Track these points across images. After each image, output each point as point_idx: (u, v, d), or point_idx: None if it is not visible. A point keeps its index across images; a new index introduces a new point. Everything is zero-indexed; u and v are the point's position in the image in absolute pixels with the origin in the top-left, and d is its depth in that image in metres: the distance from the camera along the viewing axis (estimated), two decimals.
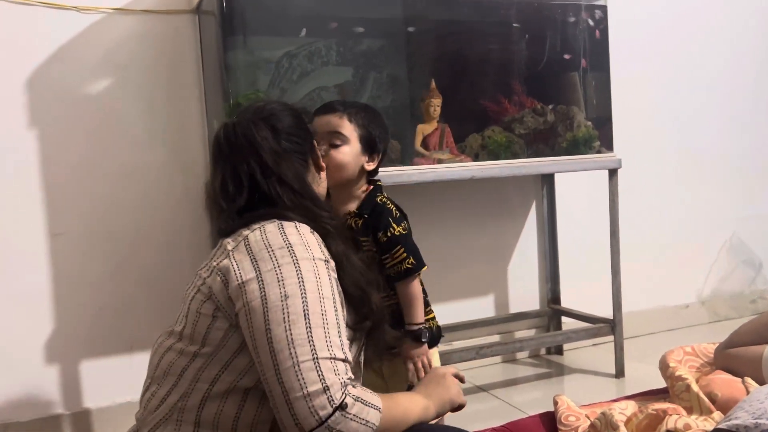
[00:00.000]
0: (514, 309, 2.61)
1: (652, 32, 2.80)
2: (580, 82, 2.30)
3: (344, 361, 0.92)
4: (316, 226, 1.06)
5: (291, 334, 0.91)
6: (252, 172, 1.07)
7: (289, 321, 0.92)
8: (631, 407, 1.36)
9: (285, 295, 0.94)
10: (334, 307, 0.96)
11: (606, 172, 2.29)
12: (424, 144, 2.07)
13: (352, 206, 1.41)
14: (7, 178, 1.92)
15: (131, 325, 2.04)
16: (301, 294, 0.94)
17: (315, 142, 1.18)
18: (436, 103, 2.05)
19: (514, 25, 2.20)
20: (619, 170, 2.29)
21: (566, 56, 2.27)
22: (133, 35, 2.03)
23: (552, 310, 2.64)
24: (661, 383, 1.53)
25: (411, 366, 1.40)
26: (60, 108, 1.97)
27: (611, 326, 2.33)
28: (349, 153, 1.37)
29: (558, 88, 2.28)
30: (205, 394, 0.98)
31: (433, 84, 2.07)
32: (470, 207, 2.50)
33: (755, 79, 3.07)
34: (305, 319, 0.92)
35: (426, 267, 1.42)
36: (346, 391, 0.89)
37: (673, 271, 2.90)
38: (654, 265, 2.84)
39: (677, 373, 1.41)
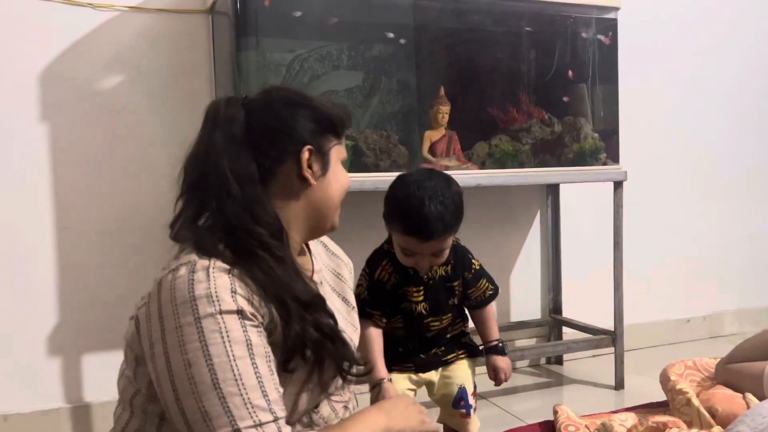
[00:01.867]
0: (515, 318, 2.61)
1: (661, 45, 2.81)
2: (588, 94, 2.31)
3: (275, 420, 0.82)
4: (244, 255, 0.88)
5: (203, 407, 0.80)
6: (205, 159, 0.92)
7: (198, 392, 0.80)
8: (631, 419, 1.36)
9: (188, 363, 0.81)
10: (253, 363, 0.82)
11: (611, 184, 2.30)
12: (432, 150, 2.08)
13: None
14: (17, 171, 1.94)
15: None
16: (206, 361, 0.80)
17: (309, 150, 0.95)
18: (444, 110, 2.07)
19: (524, 35, 2.22)
20: (624, 182, 2.30)
21: (572, 70, 2.28)
22: (146, 33, 2.05)
23: (553, 320, 2.64)
24: (661, 396, 1.53)
25: (502, 376, 1.52)
26: (72, 103, 1.98)
27: (612, 338, 2.33)
28: (448, 249, 1.41)
29: (566, 98, 2.29)
30: (159, 427, 0.91)
31: (442, 91, 2.08)
32: (475, 215, 2.50)
33: (765, 93, 3.07)
34: (215, 389, 0.80)
35: (499, 289, 1.58)
36: None
37: (675, 284, 2.90)
38: (656, 278, 2.84)
39: (678, 387, 1.41)
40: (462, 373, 1.53)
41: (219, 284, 0.84)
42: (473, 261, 1.53)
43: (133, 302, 1.14)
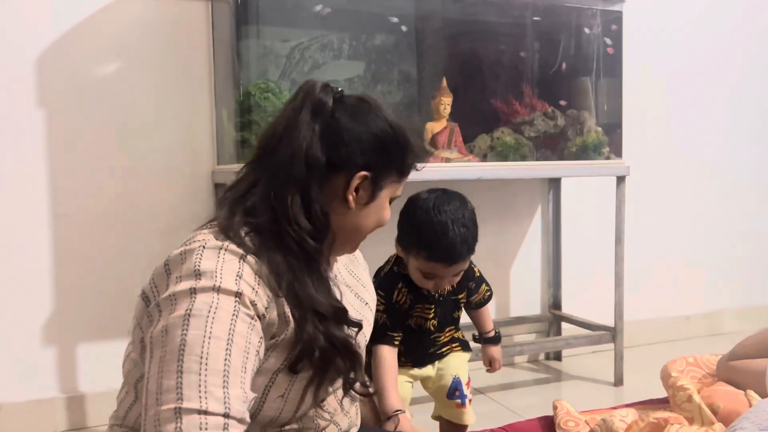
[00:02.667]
0: (514, 313, 2.60)
1: (666, 39, 2.78)
2: (592, 87, 2.29)
3: (224, 415, 0.74)
4: (275, 242, 0.85)
5: (161, 377, 0.75)
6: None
7: (163, 361, 0.76)
8: (631, 415, 1.35)
9: (166, 330, 0.77)
10: (227, 349, 0.77)
11: (614, 179, 2.28)
12: (433, 142, 2.06)
13: None
14: (13, 157, 1.91)
15: (131, 310, 2.02)
16: (182, 330, 0.76)
17: (364, 176, 0.92)
18: (446, 102, 2.05)
19: (528, 26, 2.19)
20: (626, 177, 2.28)
21: (576, 62, 2.25)
22: (145, 20, 2.02)
23: (553, 316, 2.63)
24: (660, 393, 1.51)
25: (497, 366, 1.59)
26: (69, 90, 1.96)
27: (612, 334, 2.32)
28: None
29: (569, 92, 2.27)
30: None
31: (444, 82, 2.06)
32: (476, 208, 2.48)
33: None
34: (178, 361, 0.74)
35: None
36: None
37: (675, 281, 2.89)
38: (656, 274, 2.83)
39: (679, 383, 1.39)
40: (456, 363, 1.52)
41: (226, 265, 0.81)
42: (474, 269, 1.55)
43: (130, 292, 1.13)
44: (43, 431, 1.95)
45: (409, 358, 1.49)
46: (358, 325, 0.93)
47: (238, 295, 0.80)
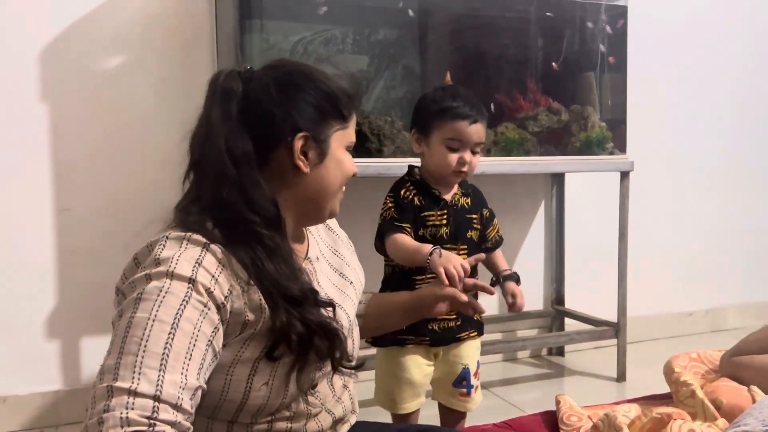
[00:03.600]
0: None
1: (671, 34, 2.77)
2: (597, 82, 2.28)
3: (155, 398, 0.72)
4: (235, 240, 0.85)
5: (106, 357, 0.76)
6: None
7: (112, 342, 0.76)
8: (634, 410, 1.35)
9: (120, 313, 0.78)
10: (170, 333, 0.75)
11: (618, 175, 2.27)
12: None
13: (455, 190, 1.51)
14: (16, 151, 1.92)
15: None
16: (131, 314, 0.76)
17: (304, 137, 0.90)
18: None
19: (532, 21, 2.18)
20: (630, 173, 2.27)
21: (580, 58, 2.24)
22: (148, 14, 2.02)
23: (555, 311, 2.62)
24: (663, 389, 1.51)
25: (520, 301, 1.48)
26: (72, 84, 1.96)
27: (615, 330, 2.32)
28: (480, 153, 1.48)
29: (574, 87, 2.26)
30: None
31: (448, 77, 2.05)
32: None
33: None
34: (122, 343, 0.74)
35: None
36: None
37: (678, 277, 2.88)
38: (660, 270, 2.82)
39: (682, 379, 1.39)
40: (469, 353, 1.51)
41: (186, 253, 0.81)
42: (486, 201, 1.60)
43: None
44: (46, 424, 1.96)
45: (426, 332, 1.45)
46: (330, 305, 0.92)
47: (191, 281, 0.79)
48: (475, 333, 1.53)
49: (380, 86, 2.06)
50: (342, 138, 0.95)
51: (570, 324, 2.59)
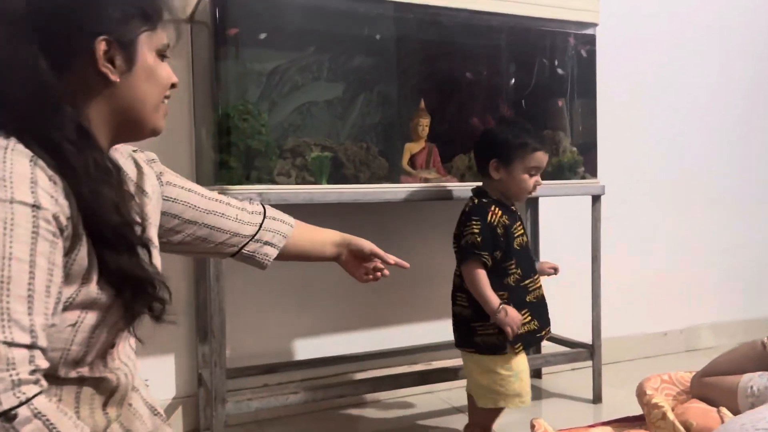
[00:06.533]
0: None
1: (638, 60, 2.85)
2: (567, 108, 2.33)
3: (30, 347, 0.68)
4: (48, 148, 0.75)
5: None
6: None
7: None
8: None
9: None
10: (30, 272, 0.69)
11: (589, 198, 2.31)
12: (412, 163, 2.08)
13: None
14: None
15: None
16: None
17: (106, 41, 0.81)
18: (424, 123, 2.07)
19: (504, 49, 2.23)
20: (602, 196, 2.31)
21: (551, 84, 2.30)
22: None
23: None
24: (638, 410, 1.53)
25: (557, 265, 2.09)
26: None
27: (590, 351, 2.34)
28: None
29: (545, 112, 2.31)
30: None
31: (422, 104, 2.08)
32: (455, 227, 2.50)
33: (743, 106, 3.13)
34: None
35: None
36: (21, 396, 0.65)
37: (652, 298, 2.92)
38: (634, 291, 2.86)
39: (654, 401, 1.42)
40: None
41: (16, 169, 0.72)
42: None
43: None
44: None
45: (521, 338, 1.74)
46: (145, 246, 0.86)
47: (35, 207, 0.71)
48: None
49: (356, 113, 2.08)
50: (153, 40, 0.87)
51: (546, 346, 2.60)
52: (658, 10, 2.87)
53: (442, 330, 2.48)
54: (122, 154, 1.00)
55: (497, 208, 1.76)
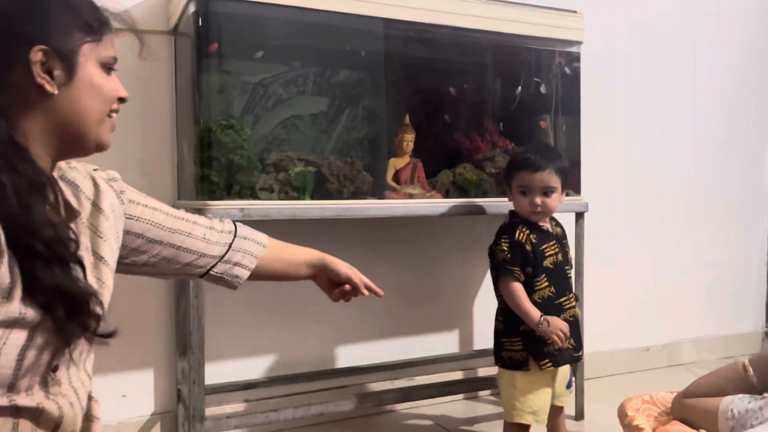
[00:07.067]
0: (478, 346, 2.60)
1: (623, 77, 2.87)
2: (551, 125, 2.34)
3: None
4: None
5: None
6: None
7: None
8: None
9: None
10: None
11: (573, 214, 2.32)
12: (396, 178, 2.07)
13: (548, 224, 1.86)
14: None
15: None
16: None
17: (43, 51, 0.78)
18: (409, 138, 2.07)
19: (489, 66, 2.24)
20: (585, 213, 2.32)
21: (535, 101, 2.30)
22: None
23: None
24: (619, 428, 1.53)
25: None
26: None
27: (573, 367, 2.33)
28: (557, 197, 1.80)
29: (530, 129, 2.32)
30: None
31: (407, 119, 2.08)
32: (439, 242, 2.50)
33: (726, 122, 3.16)
34: None
35: None
36: None
37: (634, 313, 2.94)
38: (617, 307, 2.87)
39: (635, 423, 1.41)
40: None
41: None
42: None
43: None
44: None
45: (549, 356, 1.76)
46: (79, 262, 0.81)
47: None
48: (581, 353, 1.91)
49: (340, 127, 2.07)
50: (95, 51, 0.85)
51: None
52: (641, 27, 2.90)
53: (425, 346, 2.47)
54: (80, 172, 0.98)
55: (524, 227, 1.79)
